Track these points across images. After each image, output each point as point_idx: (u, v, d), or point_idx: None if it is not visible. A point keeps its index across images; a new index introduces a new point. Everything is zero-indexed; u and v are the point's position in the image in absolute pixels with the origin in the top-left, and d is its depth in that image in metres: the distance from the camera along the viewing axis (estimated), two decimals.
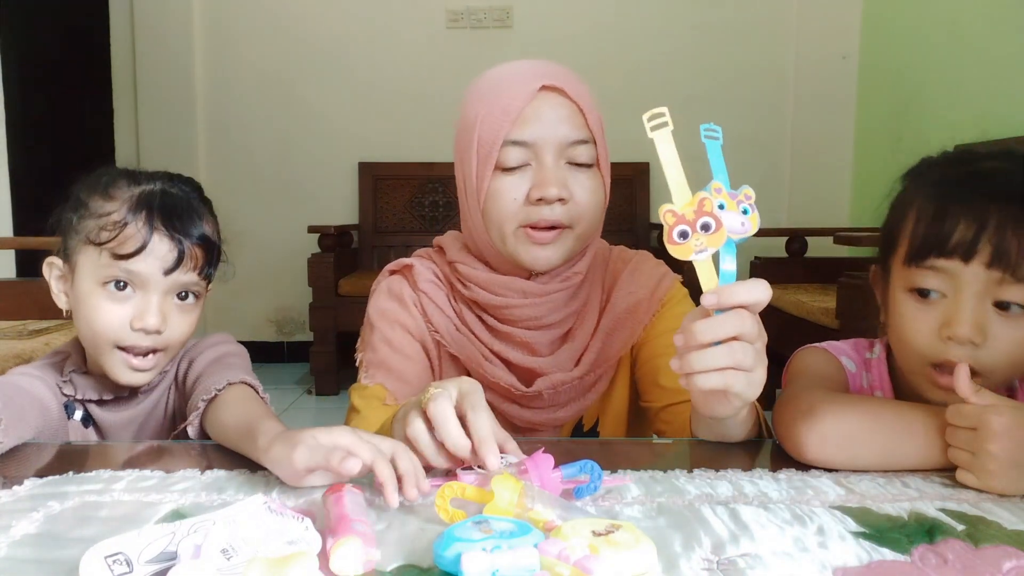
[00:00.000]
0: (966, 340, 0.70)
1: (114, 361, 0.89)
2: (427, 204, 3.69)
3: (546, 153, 0.88)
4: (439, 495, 0.59)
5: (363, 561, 0.50)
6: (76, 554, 0.49)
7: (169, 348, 0.91)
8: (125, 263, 0.86)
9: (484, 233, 0.93)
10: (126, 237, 0.86)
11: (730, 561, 0.53)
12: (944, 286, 0.72)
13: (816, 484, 0.68)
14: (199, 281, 0.91)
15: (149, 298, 0.87)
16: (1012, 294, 0.69)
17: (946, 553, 0.54)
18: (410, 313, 0.99)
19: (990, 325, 0.70)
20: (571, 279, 0.95)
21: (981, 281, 0.70)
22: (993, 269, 0.69)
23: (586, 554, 0.48)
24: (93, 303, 0.87)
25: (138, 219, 0.87)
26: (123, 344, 0.88)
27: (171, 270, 0.87)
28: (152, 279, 0.87)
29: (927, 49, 3.10)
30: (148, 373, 0.91)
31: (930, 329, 0.73)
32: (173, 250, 0.87)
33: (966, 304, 0.70)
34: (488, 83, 0.93)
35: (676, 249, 0.66)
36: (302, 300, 3.32)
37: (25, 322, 1.92)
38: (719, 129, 0.68)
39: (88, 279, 0.87)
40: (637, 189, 3.62)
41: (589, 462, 0.64)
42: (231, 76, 3.69)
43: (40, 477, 0.69)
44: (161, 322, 0.87)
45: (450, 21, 3.66)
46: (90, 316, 0.87)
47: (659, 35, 3.66)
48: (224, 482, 0.68)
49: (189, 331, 0.93)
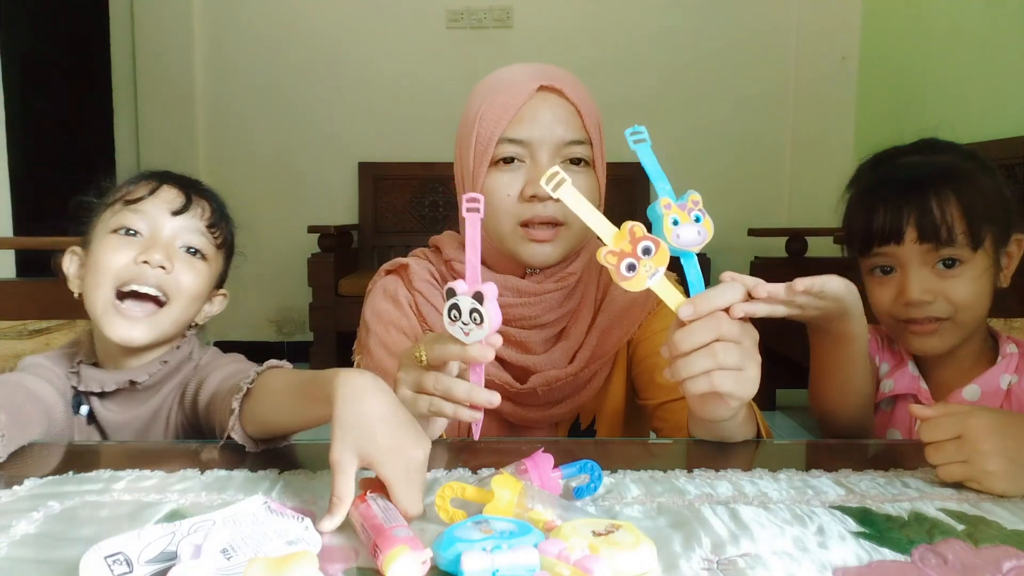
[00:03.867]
0: (919, 302, 0.87)
1: (111, 314, 0.87)
2: (427, 204, 3.69)
3: (542, 152, 0.90)
4: (439, 495, 0.59)
5: (418, 565, 0.49)
6: (76, 554, 0.49)
7: (171, 300, 0.90)
8: (135, 206, 0.90)
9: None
10: (137, 187, 0.92)
11: (730, 561, 0.53)
12: (893, 262, 0.89)
13: (816, 484, 0.68)
14: (207, 233, 0.93)
15: (156, 237, 0.90)
16: (946, 254, 0.86)
17: (946, 553, 0.54)
18: (405, 314, 0.99)
19: (938, 283, 0.87)
20: (566, 279, 0.96)
21: (919, 252, 0.87)
22: (923, 243, 0.86)
23: (586, 554, 0.48)
24: (102, 247, 0.89)
25: (152, 178, 0.94)
26: (125, 278, 0.87)
27: (178, 212, 0.91)
28: (160, 221, 0.90)
29: (927, 49, 3.10)
30: (142, 325, 0.88)
31: (891, 299, 0.90)
32: (180, 196, 0.92)
33: (910, 275, 0.88)
34: (489, 83, 0.95)
35: (630, 283, 0.67)
36: (302, 300, 3.32)
37: (25, 322, 1.92)
38: (644, 130, 0.67)
39: (100, 235, 0.91)
40: (637, 189, 3.63)
41: (589, 462, 0.64)
42: (231, 76, 3.68)
43: (40, 477, 0.69)
44: (165, 258, 0.88)
45: (450, 21, 3.66)
46: (98, 260, 0.88)
47: (659, 35, 3.66)
48: (224, 482, 0.68)
49: (195, 286, 0.92)
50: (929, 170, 0.89)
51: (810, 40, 3.63)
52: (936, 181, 0.87)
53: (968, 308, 0.88)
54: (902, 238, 0.86)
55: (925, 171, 0.89)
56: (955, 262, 0.87)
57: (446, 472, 0.71)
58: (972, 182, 0.88)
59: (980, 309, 0.90)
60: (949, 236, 0.85)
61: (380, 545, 0.51)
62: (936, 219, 0.85)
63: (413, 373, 0.74)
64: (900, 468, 0.72)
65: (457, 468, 0.72)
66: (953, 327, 0.88)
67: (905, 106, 3.20)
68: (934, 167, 0.90)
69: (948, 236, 0.85)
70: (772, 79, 3.67)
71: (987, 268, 0.88)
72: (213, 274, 0.96)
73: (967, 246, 0.86)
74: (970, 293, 0.87)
